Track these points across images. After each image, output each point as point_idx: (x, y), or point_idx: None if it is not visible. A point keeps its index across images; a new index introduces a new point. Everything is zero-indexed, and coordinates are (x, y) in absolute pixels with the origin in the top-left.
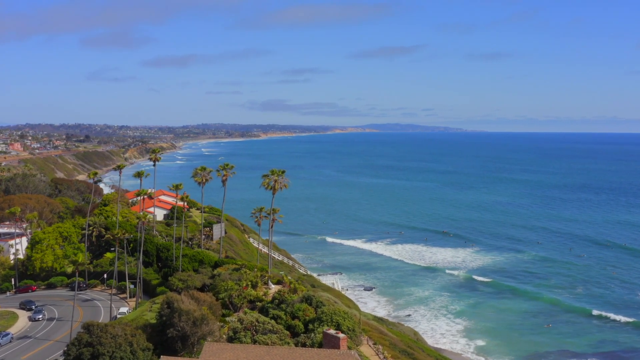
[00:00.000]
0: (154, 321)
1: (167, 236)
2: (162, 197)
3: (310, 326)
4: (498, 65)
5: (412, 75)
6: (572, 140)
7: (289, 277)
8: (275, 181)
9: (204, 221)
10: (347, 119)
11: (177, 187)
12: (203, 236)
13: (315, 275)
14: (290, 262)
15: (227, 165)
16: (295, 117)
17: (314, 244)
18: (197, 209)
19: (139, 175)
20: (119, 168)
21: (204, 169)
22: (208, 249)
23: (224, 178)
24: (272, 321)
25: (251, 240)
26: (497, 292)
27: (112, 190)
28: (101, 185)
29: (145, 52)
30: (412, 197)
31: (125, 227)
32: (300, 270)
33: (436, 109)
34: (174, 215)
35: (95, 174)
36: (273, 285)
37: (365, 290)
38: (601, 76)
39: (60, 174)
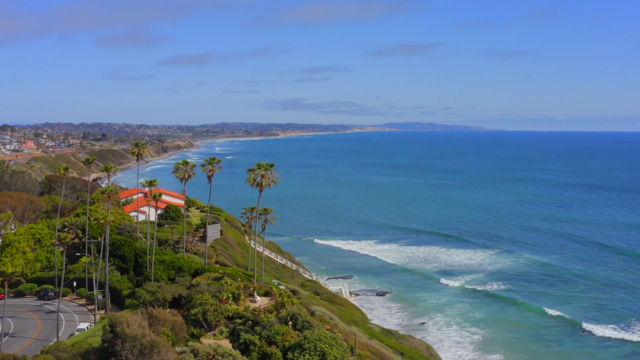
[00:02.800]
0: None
1: (152, 238)
2: None
3: (290, 355)
4: (516, 63)
5: (430, 74)
6: (593, 139)
7: (282, 287)
8: (262, 176)
9: (199, 221)
10: (367, 118)
11: (150, 184)
12: (191, 239)
13: (322, 280)
14: (294, 266)
15: (213, 159)
16: (315, 116)
17: (324, 245)
18: (197, 208)
19: (106, 169)
20: (88, 162)
21: (186, 163)
22: (195, 253)
23: (210, 174)
24: (237, 352)
25: (251, 242)
26: (517, 299)
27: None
28: (99, 183)
29: (162, 51)
30: (428, 197)
31: (103, 228)
32: (305, 275)
33: (455, 108)
34: (168, 215)
35: (67, 168)
36: (259, 298)
37: (377, 295)
38: (621, 74)
39: (72, 172)
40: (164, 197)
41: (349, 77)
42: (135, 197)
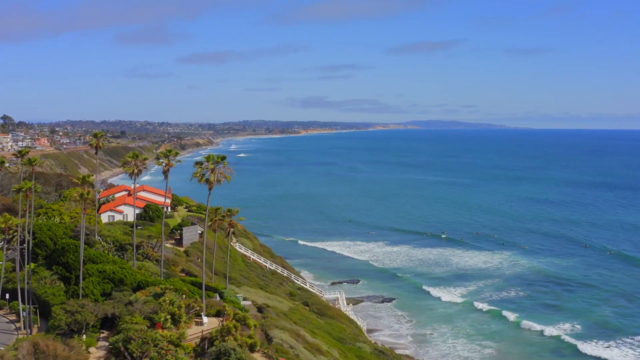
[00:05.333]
0: None
1: (112, 242)
2: (141, 194)
3: None
4: (538, 61)
5: (452, 71)
6: (616, 137)
7: (247, 303)
8: (212, 171)
9: (183, 222)
10: (389, 116)
11: (84, 180)
12: (153, 242)
13: (316, 286)
14: (286, 272)
15: (170, 151)
16: (337, 114)
17: (330, 247)
18: (185, 207)
19: (30, 163)
20: (21, 155)
21: (136, 156)
22: (157, 260)
23: (166, 168)
24: None
25: (237, 246)
26: (536, 307)
27: (103, 188)
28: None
29: (181, 49)
30: (444, 196)
31: (53, 231)
32: (297, 282)
33: (478, 106)
34: (147, 214)
35: (2, 162)
36: (207, 319)
37: (383, 302)
38: None
39: (84, 170)
40: (148, 195)
41: (370, 74)
42: (117, 195)
